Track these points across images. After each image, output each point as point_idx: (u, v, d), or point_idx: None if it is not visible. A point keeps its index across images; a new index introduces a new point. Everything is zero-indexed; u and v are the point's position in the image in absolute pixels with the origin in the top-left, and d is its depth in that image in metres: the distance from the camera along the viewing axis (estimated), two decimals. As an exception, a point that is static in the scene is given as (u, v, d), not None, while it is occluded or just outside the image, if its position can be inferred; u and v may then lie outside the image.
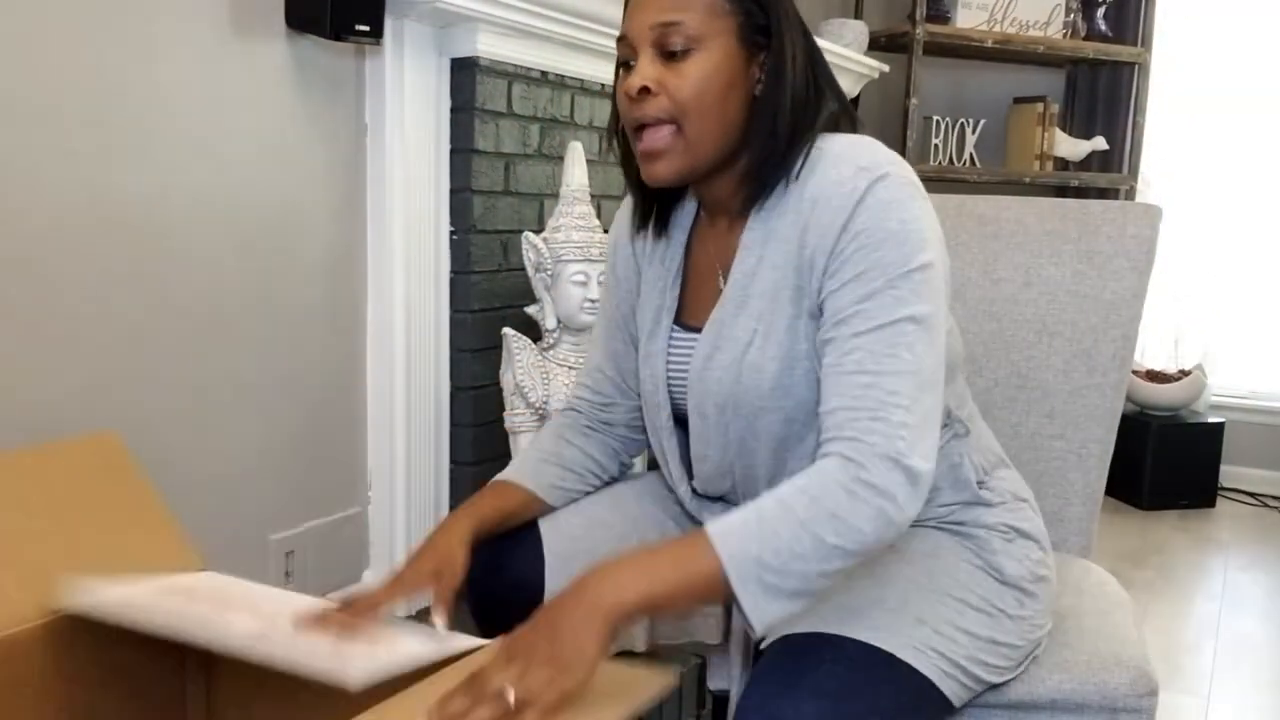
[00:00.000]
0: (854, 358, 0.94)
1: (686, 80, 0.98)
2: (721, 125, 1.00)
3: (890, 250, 0.94)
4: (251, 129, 1.52)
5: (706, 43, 0.98)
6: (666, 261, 1.14)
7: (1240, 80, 3.66)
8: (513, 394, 1.69)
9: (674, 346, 1.12)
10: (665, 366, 1.12)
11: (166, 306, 1.43)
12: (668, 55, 0.98)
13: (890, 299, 0.94)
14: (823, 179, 0.98)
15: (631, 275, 1.20)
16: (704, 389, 1.05)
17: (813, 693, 0.88)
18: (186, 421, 1.48)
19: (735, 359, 1.02)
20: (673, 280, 1.13)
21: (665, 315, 1.13)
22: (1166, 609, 2.56)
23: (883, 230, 0.94)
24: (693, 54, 0.98)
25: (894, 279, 0.94)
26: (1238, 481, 3.61)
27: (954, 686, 0.98)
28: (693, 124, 0.99)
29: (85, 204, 1.32)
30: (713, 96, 0.99)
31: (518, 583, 1.08)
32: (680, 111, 0.98)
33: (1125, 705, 1.08)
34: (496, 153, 1.85)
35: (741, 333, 1.03)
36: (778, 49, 1.00)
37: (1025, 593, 1.06)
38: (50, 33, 1.27)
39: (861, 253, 0.95)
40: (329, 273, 1.68)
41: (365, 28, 1.57)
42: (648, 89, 0.98)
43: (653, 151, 1.00)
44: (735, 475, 1.09)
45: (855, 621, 0.95)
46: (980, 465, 1.11)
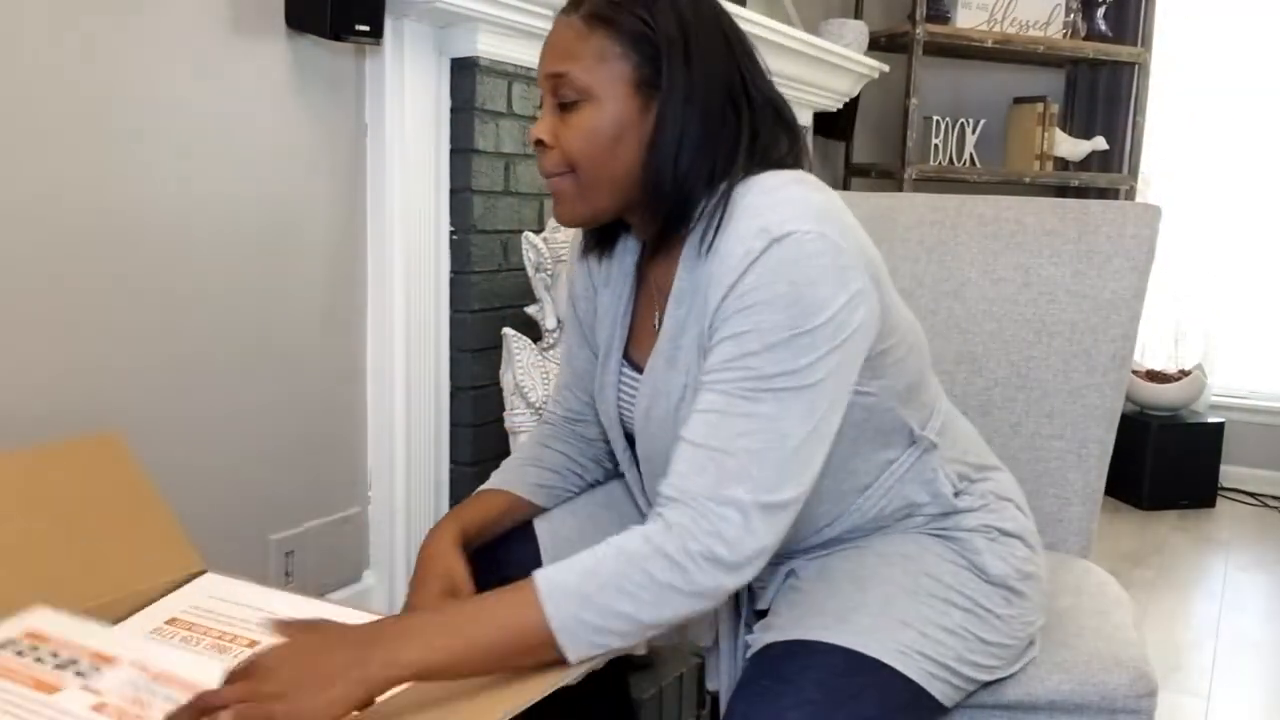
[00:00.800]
0: (705, 424, 0.89)
1: (575, 133, 0.97)
2: (613, 175, 0.98)
3: (773, 313, 0.89)
4: (251, 129, 1.53)
5: (596, 92, 0.96)
6: (618, 289, 1.12)
7: (1240, 80, 3.66)
8: (513, 394, 1.70)
9: (623, 383, 1.11)
10: (616, 401, 1.12)
11: (166, 306, 1.43)
12: (562, 106, 0.98)
13: (766, 361, 0.89)
14: (731, 234, 0.93)
15: (590, 295, 1.19)
16: (649, 435, 1.06)
17: (797, 702, 0.88)
18: (186, 421, 1.48)
19: (669, 414, 1.01)
20: (623, 312, 1.12)
21: (615, 349, 1.12)
22: (1166, 609, 2.56)
23: (769, 291, 0.89)
24: (582, 105, 0.97)
25: (773, 344, 0.89)
26: (1238, 481, 3.61)
27: (943, 687, 0.97)
28: (585, 174, 0.98)
29: (84, 204, 1.32)
30: (601, 148, 0.97)
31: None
32: (572, 162, 0.98)
33: (1124, 706, 1.08)
34: (496, 153, 1.85)
35: (673, 388, 1.01)
36: (665, 96, 0.96)
37: (1013, 591, 1.05)
38: (49, 32, 1.27)
39: (742, 315, 0.90)
40: (329, 272, 1.68)
41: (365, 28, 1.57)
42: (542, 141, 0.99)
43: (557, 195, 1.01)
44: None
45: (838, 627, 0.95)
46: (957, 474, 1.10)
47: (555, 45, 0.99)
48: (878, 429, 1.04)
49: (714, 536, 0.86)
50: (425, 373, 1.81)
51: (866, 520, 1.07)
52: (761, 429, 0.88)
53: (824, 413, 0.90)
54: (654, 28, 0.95)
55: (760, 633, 1.01)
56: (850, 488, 1.05)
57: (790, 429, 0.88)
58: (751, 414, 0.88)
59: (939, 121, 3.40)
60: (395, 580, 1.81)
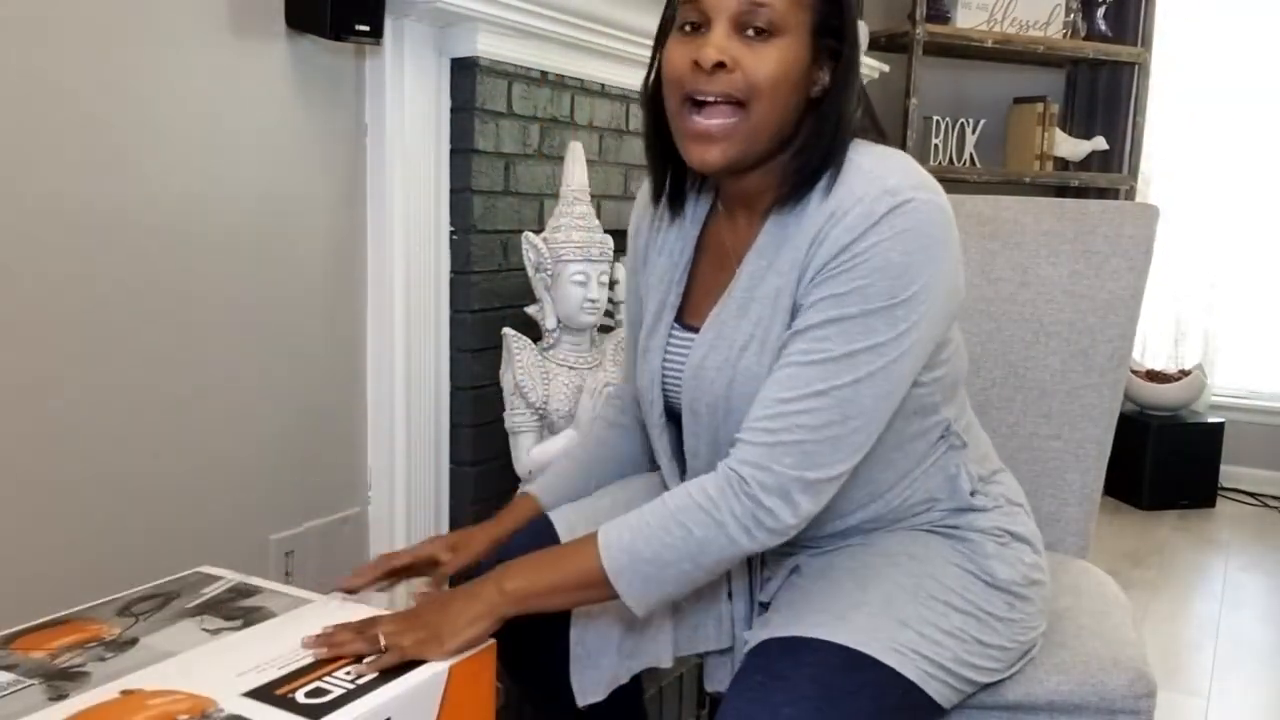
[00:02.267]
0: (793, 375, 0.93)
1: (765, 62, 0.94)
2: (782, 118, 0.97)
3: (880, 280, 0.91)
4: (251, 129, 1.53)
5: (786, 32, 0.94)
6: (675, 255, 1.12)
7: (1240, 80, 3.66)
8: (513, 394, 1.70)
9: (672, 344, 1.11)
10: (661, 363, 1.11)
11: (165, 306, 1.44)
12: (747, 33, 0.94)
13: (859, 328, 0.92)
14: (847, 194, 0.95)
15: (641, 267, 1.19)
16: (697, 387, 1.04)
17: (791, 697, 0.88)
18: (186, 421, 1.48)
19: (729, 361, 1.01)
20: (680, 276, 1.11)
21: (667, 312, 1.12)
22: (1166, 609, 2.56)
23: (882, 259, 0.91)
24: (774, 38, 0.94)
25: (871, 310, 0.91)
26: (1238, 481, 3.61)
27: (940, 688, 0.97)
28: (759, 108, 0.95)
29: (84, 204, 1.33)
30: (786, 86, 0.95)
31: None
32: (752, 93, 0.94)
33: (1123, 706, 1.08)
34: (496, 153, 1.85)
35: (740, 336, 1.02)
36: (850, 53, 0.98)
37: (1016, 596, 1.06)
38: (48, 32, 1.27)
39: (849, 274, 0.92)
40: (329, 272, 1.68)
41: (365, 28, 1.57)
42: (723, 64, 0.94)
43: (709, 134, 0.96)
44: None
45: (836, 625, 0.95)
46: (976, 474, 1.11)
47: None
48: (923, 421, 1.05)
49: (756, 504, 0.92)
50: (425, 373, 1.81)
51: (888, 511, 1.08)
52: (830, 405, 0.92)
53: (891, 391, 0.94)
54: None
55: (758, 629, 1.01)
56: (886, 477, 1.06)
57: (856, 409, 0.92)
58: (824, 390, 0.92)
59: (939, 121, 3.40)
60: (395, 580, 1.81)
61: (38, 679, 0.89)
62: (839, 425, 0.92)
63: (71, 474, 1.34)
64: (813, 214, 0.97)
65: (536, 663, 1.13)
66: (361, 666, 0.91)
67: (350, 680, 0.89)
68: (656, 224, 1.16)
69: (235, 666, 0.91)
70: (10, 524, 1.28)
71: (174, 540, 1.47)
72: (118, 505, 1.40)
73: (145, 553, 1.43)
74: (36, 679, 0.89)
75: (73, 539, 1.35)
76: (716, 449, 1.05)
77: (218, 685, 0.87)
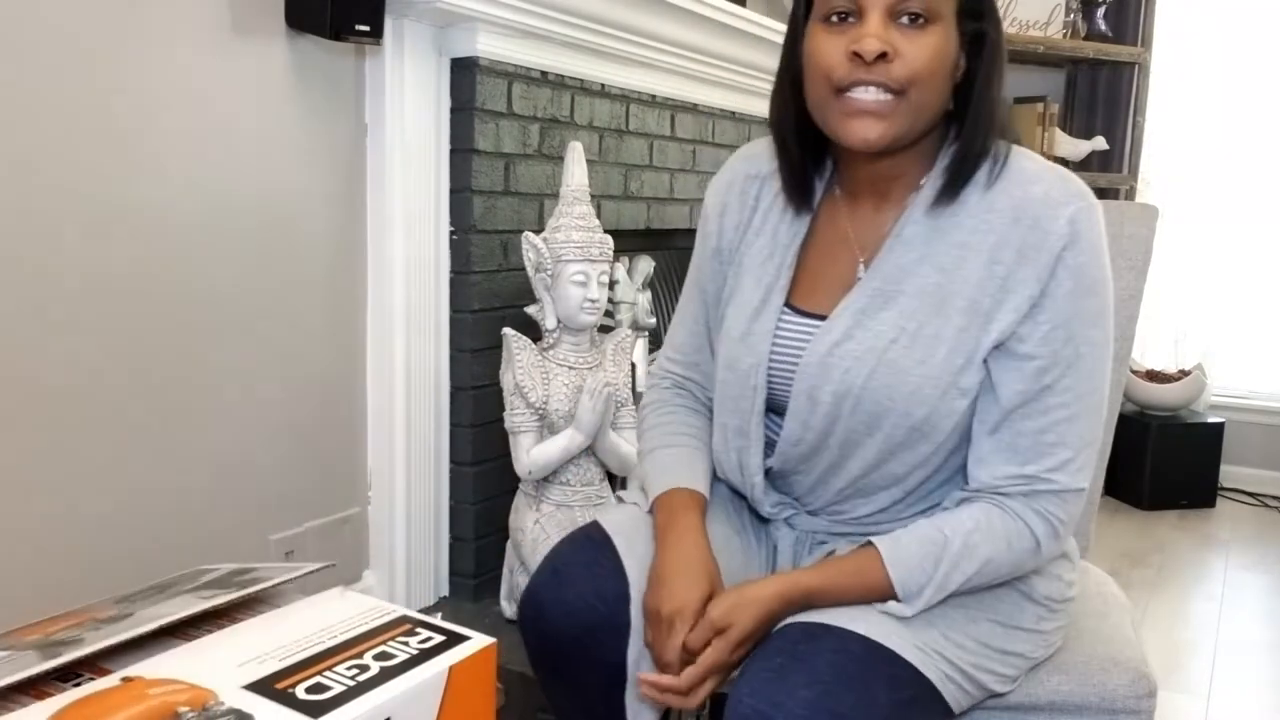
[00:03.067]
0: (1043, 418, 0.97)
1: (924, 50, 0.94)
2: (937, 103, 0.97)
3: (1097, 299, 0.97)
4: (251, 129, 1.53)
5: (940, 18, 0.95)
6: (783, 237, 1.09)
7: (1241, 80, 3.66)
8: (513, 394, 1.70)
9: (784, 329, 1.05)
10: (770, 348, 1.05)
11: (166, 306, 1.43)
12: (901, 20, 0.94)
13: (1085, 328, 0.96)
14: (1025, 195, 0.96)
15: (730, 249, 1.14)
16: (823, 375, 1.00)
17: (808, 680, 0.88)
18: (187, 421, 1.48)
19: (872, 352, 0.98)
20: (790, 259, 1.07)
21: (776, 295, 1.07)
22: (1166, 609, 2.56)
23: (1096, 276, 0.97)
24: (929, 25, 0.94)
25: (1096, 314, 0.97)
26: (1238, 481, 3.61)
27: (955, 692, 0.97)
28: (918, 94, 0.95)
29: (84, 204, 1.33)
30: (940, 71, 0.96)
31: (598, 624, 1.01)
32: (912, 80, 0.94)
33: (1124, 707, 1.08)
34: (496, 153, 1.85)
35: (884, 327, 0.98)
36: (996, 35, 0.99)
37: (1050, 610, 1.05)
38: (48, 32, 1.27)
39: (1079, 300, 0.96)
40: (329, 273, 1.68)
41: (365, 28, 1.57)
42: (885, 54, 0.93)
43: (870, 111, 0.95)
44: (821, 465, 1.04)
45: (861, 616, 0.95)
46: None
47: None
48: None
49: (1040, 517, 0.98)
50: (425, 373, 1.81)
51: (907, 495, 1.05)
52: (1071, 401, 0.97)
53: (1105, 399, 1.00)
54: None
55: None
56: (965, 475, 1.04)
57: (1095, 401, 0.98)
58: (1067, 386, 0.96)
59: (939, 121, 3.40)
60: (395, 580, 1.81)
61: (31, 650, 0.89)
62: (1087, 416, 0.98)
63: (72, 474, 1.34)
64: (978, 212, 0.98)
65: (583, 687, 1.05)
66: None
67: (351, 677, 0.88)
68: (753, 203, 1.12)
69: (236, 657, 0.90)
70: (10, 524, 1.28)
71: (174, 540, 1.47)
72: (118, 505, 1.40)
73: (146, 552, 1.43)
74: (30, 650, 0.89)
75: (73, 539, 1.35)
76: (825, 438, 1.02)
77: (218, 676, 0.87)
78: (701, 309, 1.18)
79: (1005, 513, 0.98)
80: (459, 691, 0.93)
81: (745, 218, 1.13)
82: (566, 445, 1.68)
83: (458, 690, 0.93)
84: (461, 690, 0.94)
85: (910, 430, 0.98)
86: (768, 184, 1.12)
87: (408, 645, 0.96)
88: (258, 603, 1.06)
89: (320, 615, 1.00)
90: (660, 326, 2.63)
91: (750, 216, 1.13)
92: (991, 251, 0.96)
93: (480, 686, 0.97)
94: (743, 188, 1.14)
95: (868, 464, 1.02)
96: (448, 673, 0.92)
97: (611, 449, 1.74)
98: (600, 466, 1.76)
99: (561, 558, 1.05)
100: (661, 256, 2.52)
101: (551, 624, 1.02)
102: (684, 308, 1.21)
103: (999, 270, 0.96)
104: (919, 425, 0.98)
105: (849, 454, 1.02)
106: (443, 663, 0.92)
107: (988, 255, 0.96)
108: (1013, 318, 0.96)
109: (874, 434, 1.00)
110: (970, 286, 0.96)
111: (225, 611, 1.05)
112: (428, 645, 0.96)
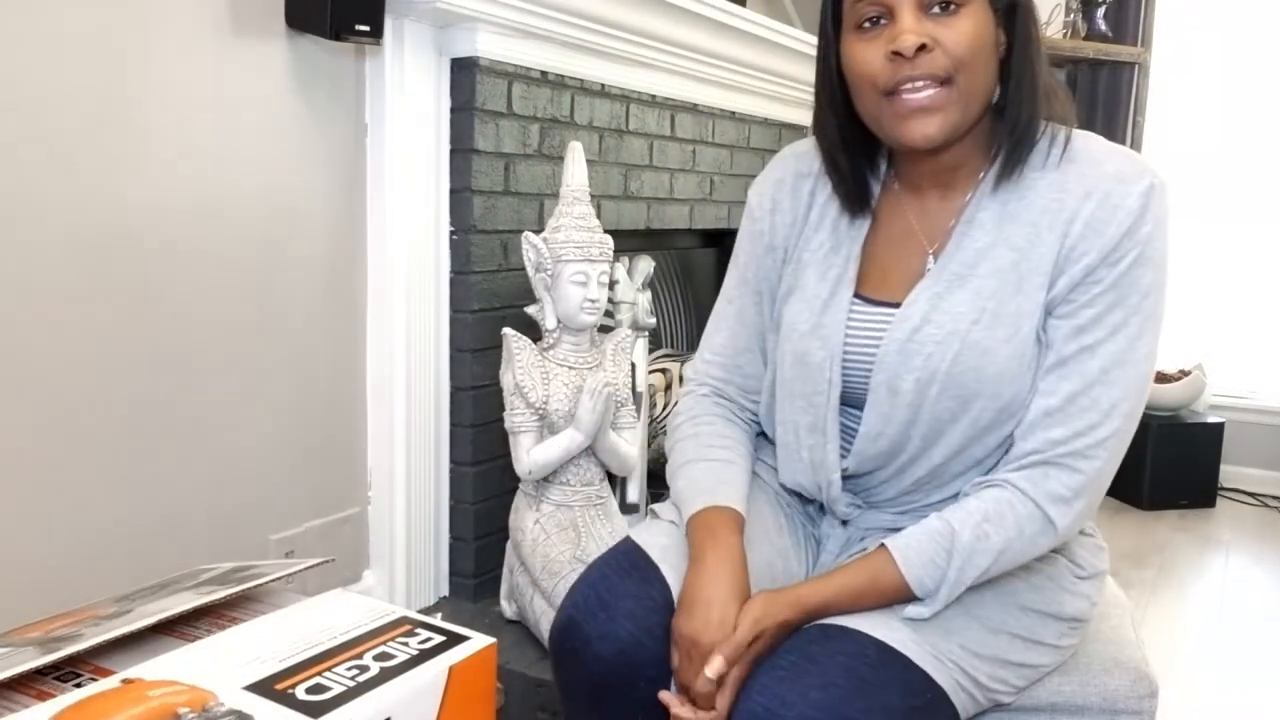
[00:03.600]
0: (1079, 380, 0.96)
1: (962, 34, 0.94)
2: (987, 83, 0.97)
3: (1155, 272, 0.95)
4: (251, 129, 1.53)
5: (969, 0, 0.95)
6: (846, 230, 1.08)
7: (1241, 80, 3.66)
8: (513, 394, 1.69)
9: (856, 318, 1.04)
10: (844, 339, 1.04)
11: (165, 306, 1.43)
12: (933, 10, 0.94)
13: (1137, 320, 0.95)
14: (1097, 173, 0.96)
15: (785, 247, 1.13)
16: (904, 363, 0.99)
17: (821, 682, 0.87)
18: (187, 421, 1.48)
19: (955, 335, 0.97)
20: (855, 251, 1.07)
21: (844, 287, 1.06)
22: (1167, 609, 2.56)
23: (1159, 250, 0.95)
24: (961, 9, 0.94)
25: (1147, 295, 0.96)
26: (1238, 481, 3.61)
27: (965, 700, 0.96)
28: (966, 79, 0.95)
29: (84, 204, 1.32)
30: (982, 53, 0.95)
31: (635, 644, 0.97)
32: (957, 66, 0.94)
33: (1126, 707, 1.08)
34: (496, 153, 1.85)
35: (964, 309, 0.98)
36: (1027, 4, 0.98)
37: (1072, 628, 1.05)
38: (48, 32, 1.27)
39: (1136, 269, 0.95)
40: (329, 273, 1.68)
41: (365, 28, 1.57)
42: (924, 45, 0.93)
43: (924, 107, 0.95)
44: (903, 457, 1.02)
45: (879, 620, 0.94)
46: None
47: None
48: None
49: (1050, 496, 0.96)
50: (425, 373, 1.81)
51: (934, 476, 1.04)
52: (1111, 367, 0.95)
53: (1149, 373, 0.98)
54: None
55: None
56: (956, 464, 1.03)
57: (1135, 374, 0.96)
58: (1109, 352, 0.95)
59: (939, 121, 3.39)
60: (395, 580, 1.81)
61: (31, 646, 0.89)
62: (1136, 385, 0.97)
63: (72, 475, 1.34)
64: (1049, 191, 0.98)
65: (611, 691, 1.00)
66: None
67: (351, 677, 0.88)
68: (808, 199, 1.12)
69: (236, 658, 0.90)
70: (11, 525, 1.28)
71: (175, 540, 1.47)
72: (119, 505, 1.40)
73: (146, 553, 1.43)
74: (30, 646, 0.89)
75: (74, 539, 1.35)
76: (909, 428, 1.01)
77: (218, 677, 0.87)
78: (750, 308, 1.16)
79: (1014, 494, 0.96)
80: (459, 692, 0.93)
81: (801, 214, 1.12)
82: (566, 445, 1.68)
83: (458, 690, 0.93)
84: (461, 690, 0.94)
85: (999, 411, 0.97)
86: (821, 181, 1.11)
87: (408, 646, 0.96)
88: (258, 603, 1.06)
89: (320, 616, 0.99)
90: (660, 326, 2.63)
91: (806, 213, 1.12)
92: (1065, 226, 0.96)
93: (480, 686, 0.97)
94: (794, 185, 1.13)
95: (950, 451, 1.00)
96: (448, 673, 0.92)
97: (611, 449, 1.74)
98: (600, 466, 1.76)
99: (607, 585, 0.99)
100: (661, 256, 2.52)
101: (596, 656, 0.96)
102: (723, 309, 1.19)
103: (1069, 242, 0.96)
104: (1008, 405, 0.97)
105: (932, 444, 1.01)
106: (443, 663, 0.92)
107: (1061, 230, 0.96)
108: (1066, 282, 0.96)
109: (960, 420, 0.98)
110: (1047, 262, 0.97)
111: (226, 612, 1.05)
112: (428, 645, 0.96)
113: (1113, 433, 0.96)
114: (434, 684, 0.91)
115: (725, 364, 1.17)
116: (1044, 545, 0.97)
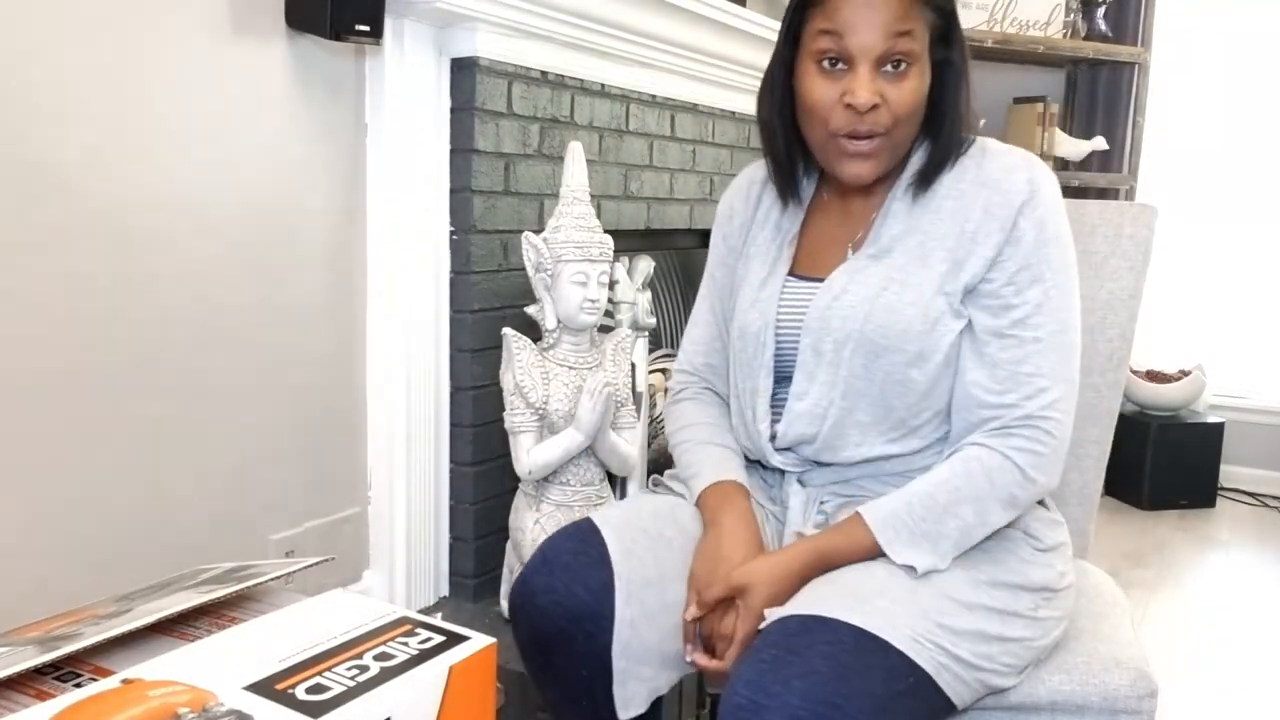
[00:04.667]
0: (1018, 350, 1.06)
1: (907, 94, 1.06)
2: (916, 131, 1.12)
3: (1061, 251, 1.08)
4: (251, 129, 1.53)
5: (918, 58, 1.07)
6: (784, 225, 1.23)
7: (1241, 80, 3.66)
8: (513, 394, 1.69)
9: (788, 292, 1.18)
10: (777, 309, 1.17)
11: (165, 306, 1.43)
12: (886, 69, 1.06)
13: (1057, 294, 1.07)
14: (992, 165, 1.11)
15: (738, 245, 1.28)
16: (825, 325, 1.11)
17: (803, 672, 0.89)
18: (187, 421, 1.48)
19: (867, 299, 1.10)
20: (790, 239, 1.21)
21: (780, 266, 1.20)
22: (1166, 609, 2.56)
23: (1059, 228, 1.08)
24: (910, 68, 1.06)
25: (1060, 270, 1.08)
26: (1238, 481, 3.61)
27: (953, 682, 0.97)
28: (903, 131, 1.09)
29: (84, 204, 1.33)
30: (920, 107, 1.09)
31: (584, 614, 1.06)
32: (897, 122, 1.07)
33: (1125, 707, 1.08)
34: (496, 153, 1.85)
35: (875, 279, 1.11)
36: (961, 60, 1.11)
37: (1045, 598, 1.07)
38: (47, 32, 1.27)
39: (1043, 249, 1.07)
40: (329, 272, 1.68)
41: (365, 28, 1.57)
42: (877, 105, 1.05)
43: (863, 153, 1.09)
44: (828, 420, 1.12)
45: (856, 607, 0.96)
46: None
47: (884, 15, 1.04)
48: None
49: (1020, 450, 1.05)
50: (425, 373, 1.81)
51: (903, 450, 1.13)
52: (1044, 336, 1.06)
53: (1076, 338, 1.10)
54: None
55: (777, 607, 1.01)
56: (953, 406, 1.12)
57: (1067, 341, 1.08)
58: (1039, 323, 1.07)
59: (939, 121, 3.39)
60: (395, 580, 1.81)
61: (31, 645, 0.89)
62: (1066, 352, 1.08)
63: (72, 475, 1.34)
64: (951, 189, 1.11)
65: (571, 676, 1.10)
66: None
67: (351, 677, 0.88)
68: (755, 203, 1.27)
69: (236, 658, 0.90)
70: (11, 525, 1.28)
71: (175, 540, 1.47)
72: (119, 505, 1.40)
73: (146, 553, 1.43)
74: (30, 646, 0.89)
75: (74, 540, 1.35)
76: (831, 388, 1.12)
77: (218, 677, 0.87)
78: (718, 302, 1.31)
79: (983, 450, 1.06)
80: (459, 692, 0.93)
81: (749, 216, 1.28)
82: (566, 445, 1.68)
83: (458, 690, 0.93)
84: (461, 690, 0.94)
85: (907, 366, 1.08)
86: (769, 187, 1.26)
87: (408, 645, 0.96)
88: (258, 603, 1.06)
89: (320, 616, 0.99)
90: (660, 326, 2.63)
91: (753, 214, 1.27)
92: (964, 212, 1.10)
93: (480, 687, 0.97)
94: (747, 191, 1.29)
95: (872, 412, 1.11)
96: (448, 673, 0.92)
97: (611, 449, 1.74)
98: (600, 466, 1.76)
99: (551, 545, 1.12)
100: (661, 256, 2.52)
101: (539, 611, 1.07)
102: (699, 304, 1.36)
103: (969, 226, 1.09)
104: (914, 359, 1.08)
105: (852, 402, 1.11)
106: (443, 663, 0.92)
107: (961, 215, 1.10)
108: (980, 264, 1.08)
109: (873, 375, 1.10)
110: (949, 240, 1.10)
111: (225, 612, 1.05)
112: (428, 645, 0.96)
113: (1062, 395, 1.06)
114: (434, 684, 0.91)
115: (704, 350, 1.33)
116: (1021, 498, 1.06)
